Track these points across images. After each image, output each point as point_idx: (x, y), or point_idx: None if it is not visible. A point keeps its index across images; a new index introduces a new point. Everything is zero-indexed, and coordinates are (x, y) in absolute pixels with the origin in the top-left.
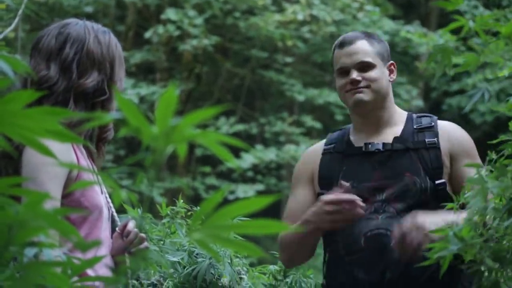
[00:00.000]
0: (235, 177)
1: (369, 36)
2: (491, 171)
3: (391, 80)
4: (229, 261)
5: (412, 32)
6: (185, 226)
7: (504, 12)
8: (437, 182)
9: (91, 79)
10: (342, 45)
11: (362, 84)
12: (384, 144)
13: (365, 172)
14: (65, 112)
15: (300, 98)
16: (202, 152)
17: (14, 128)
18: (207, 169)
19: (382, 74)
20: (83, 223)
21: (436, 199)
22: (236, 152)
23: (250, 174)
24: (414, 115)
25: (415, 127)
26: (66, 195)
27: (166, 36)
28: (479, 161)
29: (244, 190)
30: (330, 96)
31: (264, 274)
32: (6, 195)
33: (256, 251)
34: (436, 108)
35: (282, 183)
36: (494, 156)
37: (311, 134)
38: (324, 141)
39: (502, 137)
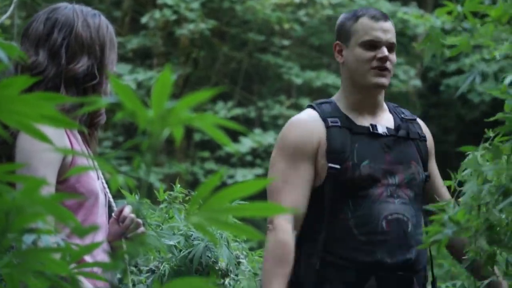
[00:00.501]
0: (234, 161)
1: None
2: (487, 149)
3: None
4: (226, 243)
5: (409, 13)
6: (183, 211)
7: None
8: (425, 174)
9: (81, 64)
10: (376, 18)
11: (387, 65)
12: (388, 128)
13: (377, 153)
14: (61, 98)
15: (298, 81)
16: (200, 137)
17: (11, 114)
18: (206, 154)
19: None
20: (78, 209)
21: (422, 191)
22: (234, 136)
23: (249, 158)
24: (390, 104)
25: (401, 116)
26: (61, 182)
27: (163, 20)
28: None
29: (243, 175)
30: (328, 78)
31: None
32: (3, 182)
33: (254, 233)
34: (434, 88)
35: None
36: (491, 134)
37: None
38: (313, 112)
39: (500, 114)
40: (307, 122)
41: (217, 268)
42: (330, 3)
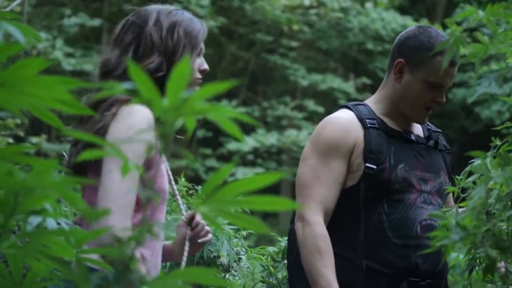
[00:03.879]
0: (235, 160)
1: None
2: (494, 157)
3: None
4: (228, 238)
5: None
6: (185, 204)
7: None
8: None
9: (151, 61)
10: (453, 63)
11: (436, 106)
12: (418, 136)
13: (411, 158)
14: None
15: (304, 83)
16: (203, 134)
17: (24, 96)
18: (208, 151)
19: None
20: (147, 204)
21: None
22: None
23: (250, 157)
24: None
25: (428, 128)
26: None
27: None
28: None
29: (244, 173)
30: (334, 82)
31: (263, 255)
32: (13, 162)
33: (261, 226)
34: None
35: (282, 168)
36: (498, 142)
37: (313, 119)
38: (350, 112)
39: (507, 123)
40: (343, 121)
41: (218, 263)
42: (341, 6)
